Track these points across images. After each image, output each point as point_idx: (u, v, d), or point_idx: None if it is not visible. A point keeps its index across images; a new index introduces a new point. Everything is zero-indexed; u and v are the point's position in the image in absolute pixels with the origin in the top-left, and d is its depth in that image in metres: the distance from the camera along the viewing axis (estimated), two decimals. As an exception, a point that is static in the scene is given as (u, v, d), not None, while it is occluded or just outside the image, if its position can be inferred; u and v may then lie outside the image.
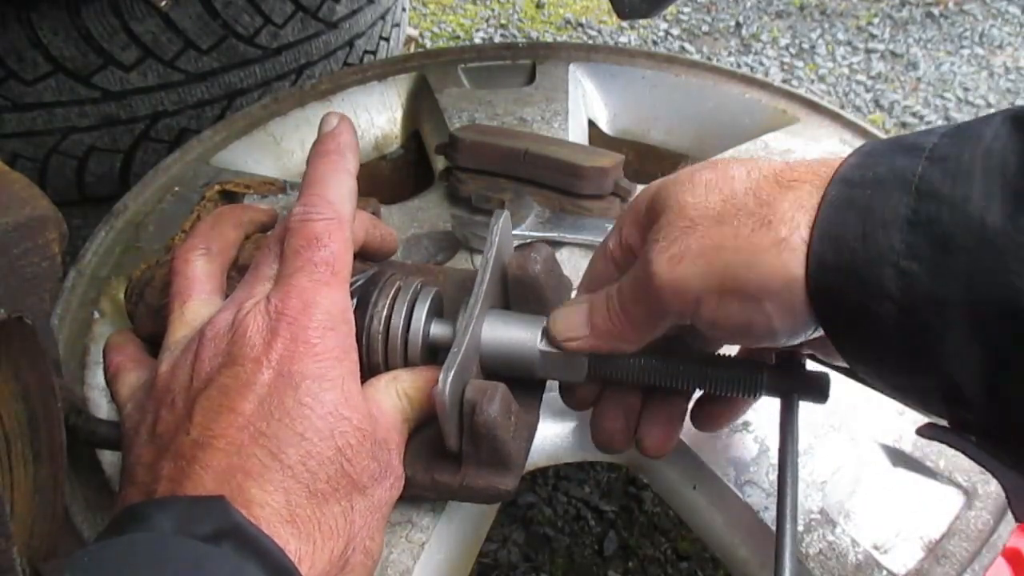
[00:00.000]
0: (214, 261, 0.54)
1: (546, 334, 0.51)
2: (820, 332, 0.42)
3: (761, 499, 0.60)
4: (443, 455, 0.51)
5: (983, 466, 0.40)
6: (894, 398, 0.43)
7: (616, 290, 0.48)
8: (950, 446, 0.41)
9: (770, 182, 0.42)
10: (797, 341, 0.44)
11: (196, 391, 0.44)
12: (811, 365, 0.53)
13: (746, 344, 0.54)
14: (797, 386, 0.52)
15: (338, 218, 0.49)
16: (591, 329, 0.49)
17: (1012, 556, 0.74)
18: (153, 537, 0.37)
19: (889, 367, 0.40)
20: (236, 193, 0.76)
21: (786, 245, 0.40)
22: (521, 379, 0.53)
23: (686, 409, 0.55)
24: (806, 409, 0.57)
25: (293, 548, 0.40)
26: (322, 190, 0.50)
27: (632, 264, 0.48)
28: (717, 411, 0.56)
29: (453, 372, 0.46)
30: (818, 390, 0.51)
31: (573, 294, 0.57)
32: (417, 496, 0.52)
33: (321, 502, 0.43)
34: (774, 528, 0.57)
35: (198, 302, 0.51)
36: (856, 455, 0.63)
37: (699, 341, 0.53)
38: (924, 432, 0.42)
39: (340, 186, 0.50)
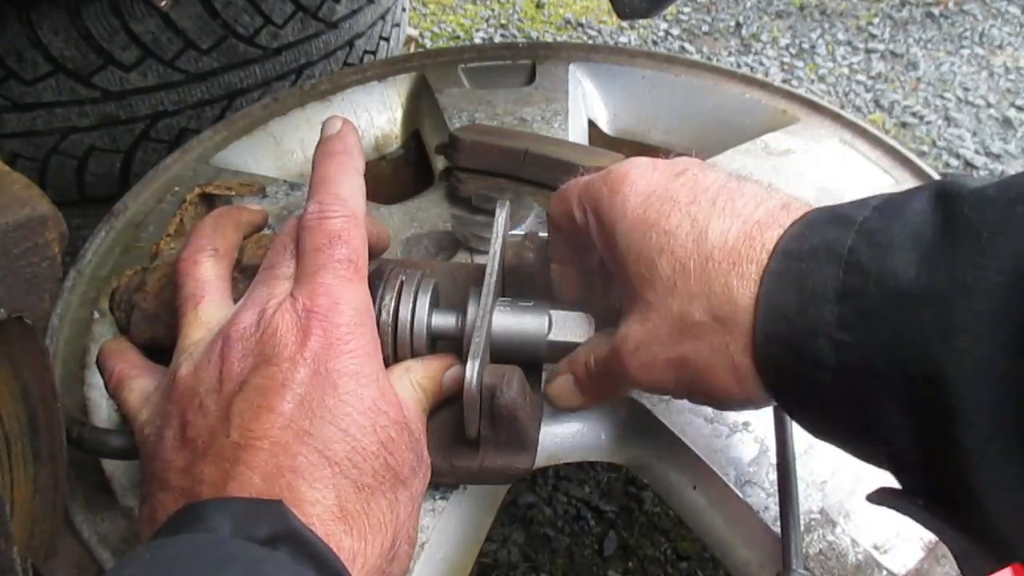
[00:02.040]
0: (222, 262, 0.54)
1: (552, 311, 0.54)
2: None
3: (761, 499, 0.60)
4: (458, 440, 0.52)
5: (930, 530, 0.41)
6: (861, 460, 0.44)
7: (595, 363, 0.51)
8: (897, 511, 0.41)
9: (722, 287, 0.43)
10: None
11: (230, 393, 0.44)
12: None
13: None
14: None
15: (353, 215, 0.49)
16: (584, 396, 0.54)
17: (1012, 556, 0.73)
18: (212, 538, 0.37)
19: (838, 434, 0.42)
20: (216, 196, 0.76)
21: (741, 374, 0.43)
22: (522, 361, 0.54)
23: None
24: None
25: (347, 546, 0.41)
26: (335, 188, 0.50)
27: (589, 238, 0.51)
28: None
29: (479, 362, 0.48)
30: None
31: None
32: (435, 483, 0.53)
33: (368, 496, 0.43)
34: (774, 528, 0.58)
35: (212, 303, 0.51)
36: (856, 455, 0.63)
37: None
38: (873, 498, 0.42)
39: (351, 184, 0.51)
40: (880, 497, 0.42)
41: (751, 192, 0.45)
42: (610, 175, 0.49)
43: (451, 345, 0.53)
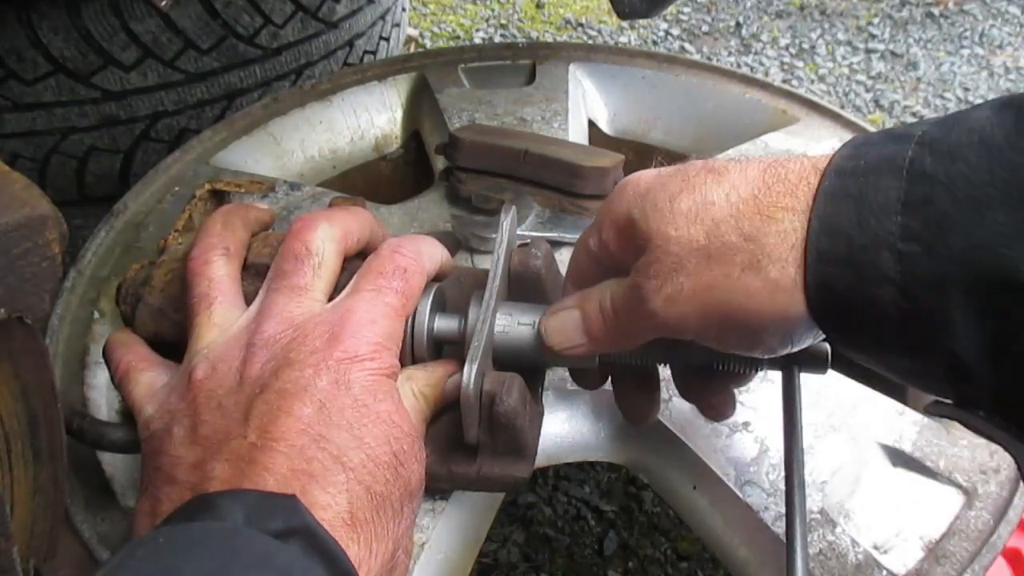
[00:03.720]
0: (233, 262, 0.54)
1: (542, 342, 0.52)
2: (815, 334, 0.43)
3: (761, 499, 0.60)
4: (457, 446, 0.52)
5: (993, 439, 0.40)
6: (896, 379, 0.43)
7: (610, 302, 0.48)
8: (959, 422, 0.41)
9: (751, 208, 0.42)
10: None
11: (250, 395, 0.45)
12: None
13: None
14: (797, 358, 0.52)
15: (422, 268, 0.52)
16: (587, 337, 0.50)
17: (1012, 556, 0.74)
18: (225, 527, 0.37)
19: (892, 351, 0.40)
20: (227, 192, 0.76)
21: (778, 287, 0.41)
22: (525, 369, 0.53)
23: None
24: (807, 409, 0.57)
25: (353, 553, 0.41)
26: (419, 244, 0.53)
27: (613, 262, 0.49)
28: (715, 400, 0.57)
29: (477, 366, 0.48)
30: (818, 361, 0.52)
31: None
32: (431, 488, 0.53)
33: (378, 505, 0.44)
34: (774, 528, 0.58)
35: (225, 304, 0.51)
36: (856, 455, 0.63)
37: None
38: (932, 409, 0.42)
39: (433, 252, 0.54)
40: (938, 409, 0.41)
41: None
42: (615, 188, 0.49)
43: (455, 350, 0.53)
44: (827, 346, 0.52)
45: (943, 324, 0.37)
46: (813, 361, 0.52)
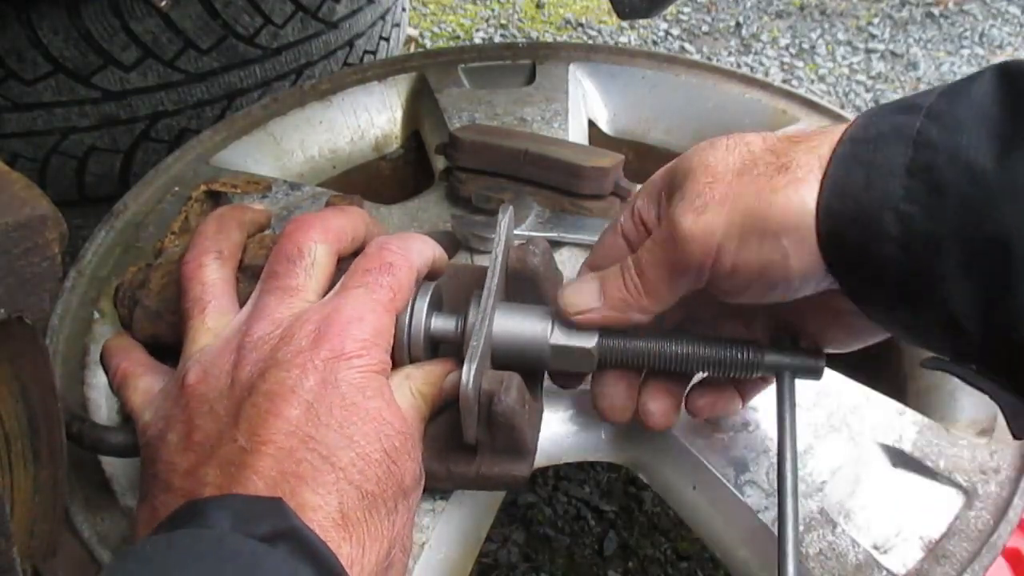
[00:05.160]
0: (227, 265, 0.54)
1: (555, 315, 0.52)
2: (830, 284, 0.45)
3: (761, 499, 0.60)
4: (456, 445, 0.52)
5: (982, 391, 0.44)
6: (900, 336, 0.47)
7: (632, 259, 0.50)
8: (952, 375, 0.45)
9: (784, 142, 0.47)
10: (810, 290, 0.47)
11: (239, 398, 0.45)
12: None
13: (761, 297, 0.50)
14: (791, 363, 0.52)
15: (411, 264, 0.51)
16: (604, 300, 0.51)
17: (1012, 556, 0.74)
18: (212, 533, 0.37)
19: (892, 303, 0.44)
20: (223, 193, 0.76)
21: (802, 183, 0.44)
22: (524, 368, 0.53)
23: (688, 382, 0.57)
24: (807, 409, 0.57)
25: (345, 553, 0.41)
26: (408, 240, 0.53)
27: (645, 239, 0.50)
28: (709, 400, 0.57)
29: (476, 366, 0.47)
30: (811, 367, 0.52)
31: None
32: (430, 487, 0.53)
33: (370, 504, 0.44)
34: (774, 528, 0.58)
35: (218, 308, 0.51)
36: (856, 455, 0.63)
37: (700, 327, 0.55)
38: (928, 364, 0.45)
39: (423, 248, 0.53)
40: (934, 363, 0.45)
41: None
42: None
43: (452, 349, 0.53)
44: (821, 349, 0.53)
45: (938, 280, 0.40)
46: (806, 367, 0.52)
